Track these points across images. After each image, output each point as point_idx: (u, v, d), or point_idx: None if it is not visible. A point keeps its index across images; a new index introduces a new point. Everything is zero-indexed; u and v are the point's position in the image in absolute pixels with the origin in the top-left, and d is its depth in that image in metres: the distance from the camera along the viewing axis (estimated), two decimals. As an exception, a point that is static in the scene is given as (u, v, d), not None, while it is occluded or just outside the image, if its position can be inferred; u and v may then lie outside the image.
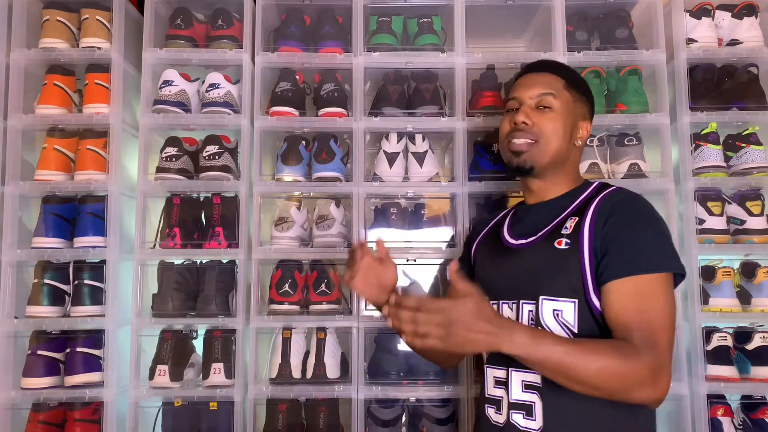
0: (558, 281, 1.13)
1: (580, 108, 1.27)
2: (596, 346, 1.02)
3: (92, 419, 1.74)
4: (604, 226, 1.12)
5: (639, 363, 1.00)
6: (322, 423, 1.75)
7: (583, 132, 1.27)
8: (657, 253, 1.09)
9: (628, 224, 1.11)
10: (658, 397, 1.02)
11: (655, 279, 1.07)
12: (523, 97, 1.25)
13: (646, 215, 1.14)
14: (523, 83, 1.28)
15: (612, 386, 1.00)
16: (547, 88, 1.24)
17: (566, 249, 1.13)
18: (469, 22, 1.91)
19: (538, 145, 1.22)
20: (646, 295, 1.06)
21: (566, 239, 1.15)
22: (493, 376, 1.21)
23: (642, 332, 1.03)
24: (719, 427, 1.74)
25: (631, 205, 1.15)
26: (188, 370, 1.81)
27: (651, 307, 1.05)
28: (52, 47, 1.87)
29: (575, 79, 1.29)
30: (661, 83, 1.88)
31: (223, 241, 1.80)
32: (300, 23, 1.94)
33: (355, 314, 1.78)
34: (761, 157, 1.83)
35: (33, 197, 1.88)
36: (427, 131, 1.90)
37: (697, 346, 1.76)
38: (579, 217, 1.16)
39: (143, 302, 1.81)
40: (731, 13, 1.97)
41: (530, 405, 1.12)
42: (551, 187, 1.26)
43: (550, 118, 1.23)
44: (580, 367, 0.99)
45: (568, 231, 1.16)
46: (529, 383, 1.13)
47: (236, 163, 1.89)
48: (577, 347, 1.01)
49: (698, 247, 1.80)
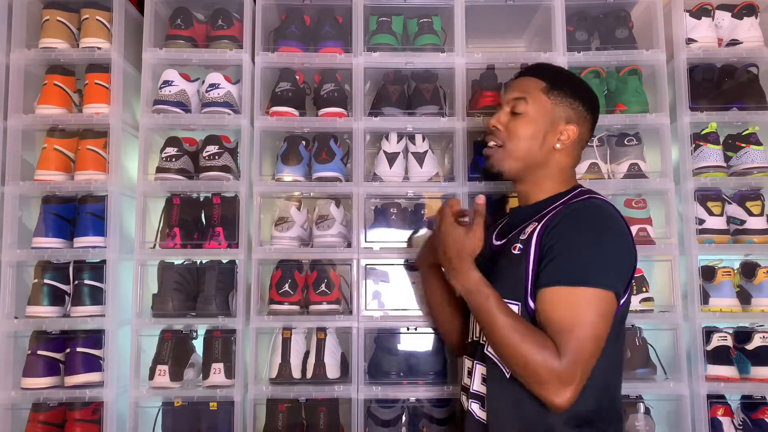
0: (508, 284, 1.18)
1: (562, 111, 1.26)
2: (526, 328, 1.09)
3: (92, 419, 1.74)
4: (550, 232, 1.14)
5: (547, 362, 1.05)
6: (322, 423, 1.75)
7: (566, 135, 1.25)
8: (588, 267, 1.10)
9: (569, 234, 1.13)
10: (557, 403, 1.05)
11: (580, 293, 1.08)
12: (504, 102, 1.31)
13: (593, 228, 1.14)
14: (508, 86, 1.35)
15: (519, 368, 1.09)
16: (520, 93, 1.27)
17: (518, 254, 1.19)
18: (469, 22, 1.91)
19: (504, 149, 1.27)
20: (571, 306, 1.08)
21: (520, 245, 1.20)
22: (466, 366, 1.31)
23: (564, 339, 1.06)
24: (719, 427, 1.74)
25: (581, 216, 1.15)
26: (188, 370, 1.81)
27: (575, 318, 1.07)
28: (52, 47, 1.86)
29: (561, 82, 1.28)
30: (661, 83, 1.88)
31: (223, 241, 1.80)
32: (300, 23, 1.94)
33: (355, 314, 1.78)
34: (761, 157, 1.83)
35: (33, 197, 1.88)
36: (427, 131, 1.90)
37: (697, 346, 1.76)
38: (539, 223, 1.19)
39: (143, 302, 1.81)
40: (731, 13, 1.97)
41: (483, 396, 1.22)
42: (533, 191, 1.29)
43: (520, 123, 1.26)
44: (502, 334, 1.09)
45: (524, 236, 1.20)
46: (484, 376, 1.21)
47: (236, 163, 1.89)
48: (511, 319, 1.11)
49: (698, 247, 1.80)
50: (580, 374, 1.05)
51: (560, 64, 1.87)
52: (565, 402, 1.05)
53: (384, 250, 1.82)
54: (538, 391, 1.07)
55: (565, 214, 1.16)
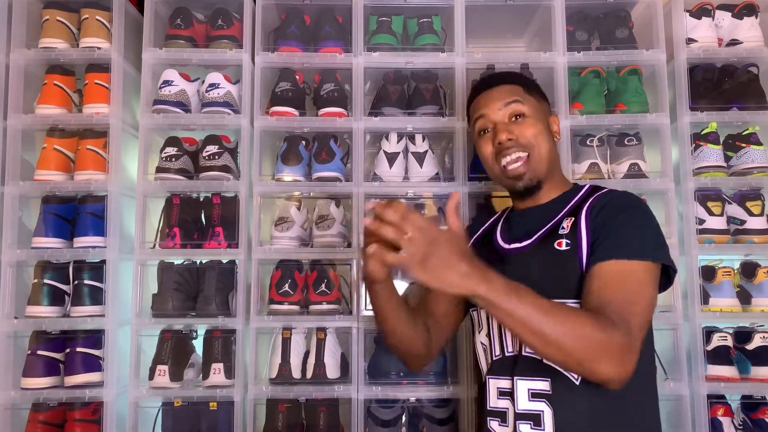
0: (562, 283, 1.11)
1: (545, 106, 1.28)
2: (571, 309, 1.01)
3: (92, 419, 1.74)
4: (597, 215, 1.12)
5: (611, 334, 0.96)
6: (322, 423, 1.75)
7: (555, 127, 1.28)
8: (643, 242, 1.09)
9: (617, 213, 1.11)
10: (622, 376, 0.98)
11: (638, 265, 1.06)
12: (492, 113, 1.22)
13: (637, 208, 1.14)
14: (485, 101, 1.24)
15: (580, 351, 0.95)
16: (511, 96, 1.22)
17: (567, 250, 1.12)
18: (469, 22, 1.91)
19: (532, 157, 1.20)
20: (626, 278, 1.05)
21: (566, 240, 1.14)
22: (497, 386, 1.16)
23: (617, 309, 1.00)
24: (719, 427, 1.74)
25: (622, 198, 1.16)
26: (188, 370, 1.81)
27: (630, 289, 1.04)
28: (52, 47, 1.86)
29: (529, 82, 1.30)
30: (661, 83, 1.88)
31: (223, 241, 1.80)
32: (300, 23, 1.94)
33: (355, 314, 1.78)
34: (761, 157, 1.83)
35: (33, 197, 1.88)
36: (427, 131, 1.90)
37: (697, 346, 1.76)
38: (574, 217, 1.15)
39: (143, 302, 1.81)
40: (731, 13, 1.97)
41: (538, 414, 1.08)
42: (547, 192, 1.24)
43: (529, 124, 1.21)
44: (551, 324, 0.94)
45: (566, 231, 1.15)
46: (537, 391, 1.09)
47: (236, 163, 1.89)
48: (552, 305, 0.98)
49: (698, 247, 1.80)
50: (636, 346, 1.00)
51: (560, 64, 1.87)
52: (627, 374, 0.98)
53: (384, 250, 1.82)
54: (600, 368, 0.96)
55: (608, 201, 1.15)
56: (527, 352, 1.12)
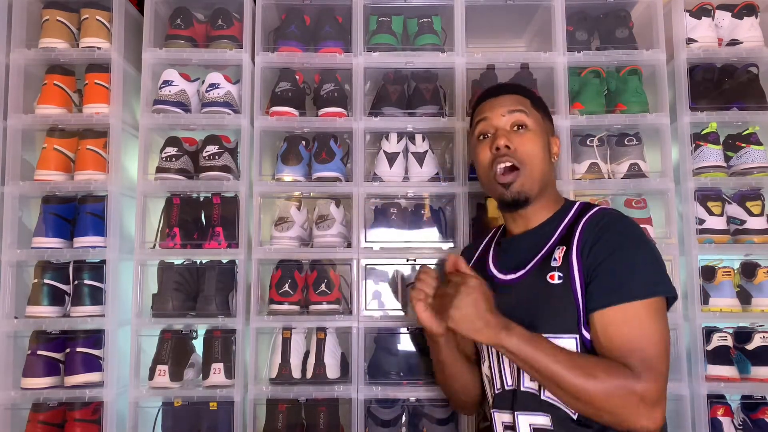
0: (557, 318, 1.09)
1: (548, 125, 1.25)
2: (596, 362, 1.00)
3: (92, 419, 1.74)
4: (590, 252, 1.09)
5: (638, 385, 0.97)
6: (322, 423, 1.75)
7: (555, 148, 1.25)
8: (646, 279, 1.06)
9: (613, 249, 1.08)
10: (655, 427, 0.98)
11: (645, 305, 1.03)
12: (495, 118, 1.20)
13: (633, 238, 1.10)
14: (490, 106, 1.22)
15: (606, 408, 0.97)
16: (517, 105, 1.20)
17: (560, 284, 1.10)
18: (469, 22, 1.91)
19: (523, 172, 1.17)
20: (638, 322, 1.02)
21: (558, 272, 1.11)
22: (501, 420, 1.17)
23: (638, 358, 0.99)
24: (719, 427, 1.74)
25: (616, 228, 1.11)
26: (188, 370, 1.81)
27: (645, 334, 1.02)
28: (52, 47, 1.86)
29: (536, 98, 1.27)
30: (661, 83, 1.88)
31: (223, 241, 1.80)
32: (300, 23, 1.94)
33: (355, 314, 1.78)
34: (761, 157, 1.83)
35: (33, 197, 1.88)
36: (427, 131, 1.90)
37: (697, 346, 1.76)
38: (566, 246, 1.12)
39: (143, 302, 1.81)
40: (731, 13, 1.97)
41: None
42: (537, 213, 1.22)
43: (529, 138, 1.18)
44: (575, 381, 0.98)
45: (558, 263, 1.12)
46: (539, 427, 1.09)
47: (236, 163, 1.89)
48: (574, 358, 0.99)
49: (698, 247, 1.80)
50: (663, 391, 0.99)
51: (560, 64, 1.88)
52: (657, 424, 0.98)
53: (384, 250, 1.82)
54: (626, 421, 0.98)
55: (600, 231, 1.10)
56: (525, 387, 1.12)
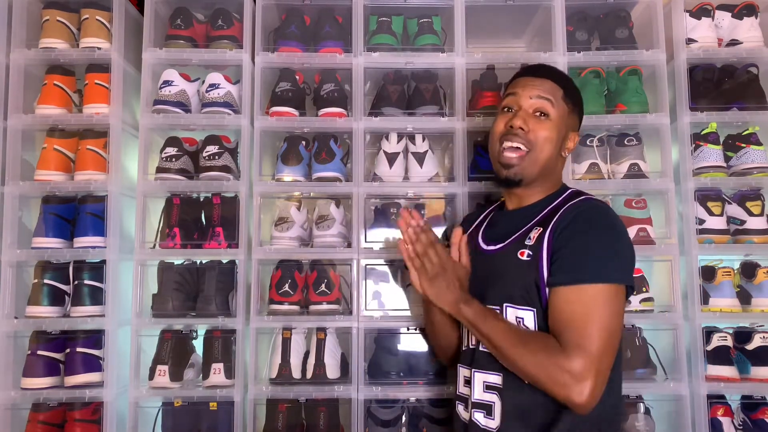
0: (519, 290, 1.17)
1: (572, 120, 1.28)
2: (529, 337, 1.10)
3: (92, 419, 1.74)
4: (560, 234, 1.14)
5: (564, 361, 1.03)
6: (322, 423, 1.75)
7: (571, 144, 1.29)
8: (599, 264, 1.10)
9: (579, 233, 1.13)
10: (582, 402, 1.03)
11: (596, 289, 1.08)
12: (523, 99, 1.24)
13: (601, 225, 1.15)
14: (524, 83, 1.26)
15: (537, 378, 1.07)
16: (547, 94, 1.23)
17: (527, 260, 1.17)
18: (469, 22, 1.91)
19: (529, 155, 1.22)
20: (584, 304, 1.08)
21: (528, 250, 1.18)
22: (463, 375, 1.27)
23: (571, 335, 1.05)
24: (719, 427, 1.74)
25: (588, 215, 1.16)
26: (188, 370, 1.81)
27: (586, 314, 1.07)
28: (52, 47, 1.86)
29: (573, 90, 1.29)
30: (661, 83, 1.88)
31: (223, 241, 1.80)
32: (300, 23, 1.94)
33: (355, 314, 1.78)
34: (761, 157, 1.83)
35: (33, 197, 1.88)
36: (427, 131, 1.90)
37: (697, 346, 1.76)
38: (543, 228, 1.18)
39: (143, 302, 1.81)
40: (731, 14, 1.97)
41: (490, 405, 1.17)
42: (532, 194, 1.27)
43: (547, 126, 1.22)
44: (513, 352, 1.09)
45: (531, 242, 1.18)
46: (490, 384, 1.17)
47: (236, 163, 1.89)
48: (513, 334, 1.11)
49: (698, 247, 1.80)
50: (596, 369, 1.03)
51: (560, 64, 1.87)
52: (585, 399, 1.03)
53: (384, 250, 1.82)
54: (557, 394, 1.05)
55: (574, 216, 1.16)
56: (483, 348, 1.20)
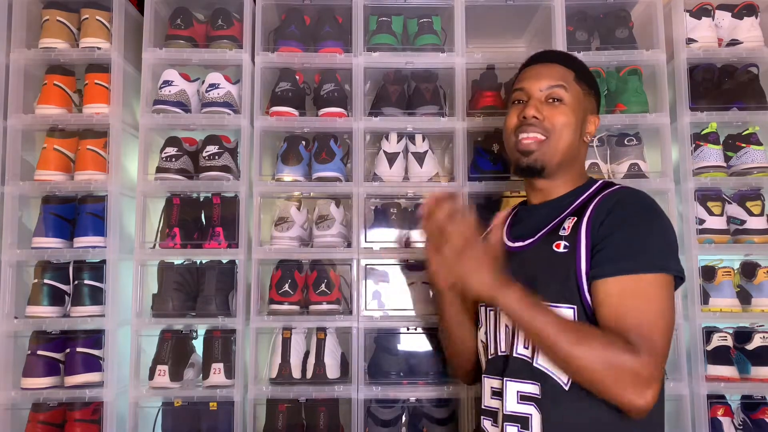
0: (557, 286, 1.07)
1: (589, 102, 1.21)
2: (588, 331, 0.99)
3: (92, 419, 1.74)
4: (602, 224, 1.06)
5: (635, 360, 0.94)
6: (322, 423, 1.75)
7: (592, 127, 1.22)
8: (654, 254, 1.03)
9: (624, 221, 1.05)
10: (644, 405, 0.95)
11: (650, 280, 1.00)
12: (532, 89, 1.18)
13: (646, 213, 1.07)
14: (531, 74, 1.21)
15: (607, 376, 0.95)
16: (557, 80, 1.17)
17: (564, 252, 1.08)
18: (469, 22, 1.91)
19: (548, 142, 1.15)
20: (640, 296, 1.00)
21: (564, 242, 1.09)
22: (490, 386, 1.15)
23: (637, 333, 0.96)
24: (719, 427, 1.74)
25: (630, 201, 1.09)
26: (188, 370, 1.81)
27: (646, 309, 0.99)
28: (52, 47, 1.86)
29: (584, 72, 1.23)
30: (661, 83, 1.88)
31: (223, 241, 1.80)
32: (300, 23, 1.94)
33: (355, 314, 1.78)
34: (761, 157, 1.83)
35: (33, 197, 1.88)
36: (427, 131, 1.90)
37: (697, 346, 1.76)
38: (577, 218, 1.10)
39: (143, 302, 1.81)
40: (731, 13, 1.97)
41: (526, 417, 1.06)
42: (558, 187, 1.19)
43: (562, 111, 1.15)
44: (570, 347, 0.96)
45: (566, 232, 1.10)
46: (525, 394, 1.07)
47: (236, 163, 1.89)
48: (570, 326, 0.99)
49: (698, 247, 1.80)
50: (659, 368, 0.96)
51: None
52: (648, 403, 0.95)
53: (384, 250, 1.82)
54: (617, 395, 0.96)
55: (615, 203, 1.08)
56: (517, 353, 1.10)
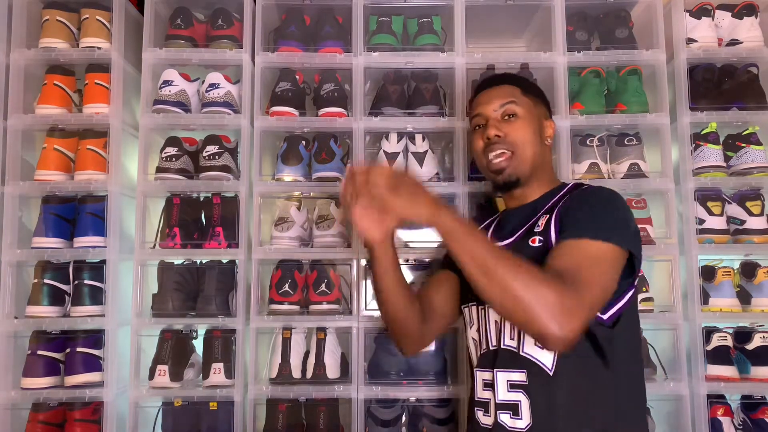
0: None
1: (540, 109, 1.34)
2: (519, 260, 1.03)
3: (92, 419, 1.74)
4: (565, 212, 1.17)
5: (559, 292, 0.98)
6: (322, 423, 1.75)
7: (549, 131, 1.34)
8: (602, 225, 1.11)
9: (583, 203, 1.17)
10: (563, 336, 0.96)
11: (596, 246, 1.08)
12: (487, 112, 1.30)
13: (605, 198, 1.18)
14: (483, 99, 1.32)
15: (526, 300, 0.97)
16: (507, 97, 1.29)
17: (539, 246, 1.17)
18: (469, 22, 1.91)
19: (516, 156, 1.26)
20: (581, 253, 1.07)
21: (539, 236, 1.19)
22: (482, 378, 1.23)
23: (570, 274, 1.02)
24: (719, 427, 1.74)
25: (592, 191, 1.22)
26: (188, 370, 1.81)
27: (582, 260, 1.06)
28: (52, 47, 1.86)
29: (528, 85, 1.36)
30: (661, 83, 1.88)
31: (223, 241, 1.80)
32: (300, 23, 1.94)
33: (355, 314, 1.78)
34: (761, 157, 1.83)
35: (33, 197, 1.88)
36: (427, 131, 1.90)
37: (697, 346, 1.76)
38: (549, 215, 1.21)
39: (143, 302, 1.81)
40: (731, 13, 1.97)
41: (516, 404, 1.14)
42: (533, 192, 1.30)
43: (519, 125, 1.28)
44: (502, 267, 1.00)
45: (540, 228, 1.20)
46: (515, 383, 1.15)
47: (236, 163, 1.89)
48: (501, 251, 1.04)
49: (698, 247, 1.80)
50: (584, 315, 0.99)
51: (560, 64, 1.88)
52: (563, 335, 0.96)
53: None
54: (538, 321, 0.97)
55: (578, 193, 1.22)
56: (504, 345, 1.18)
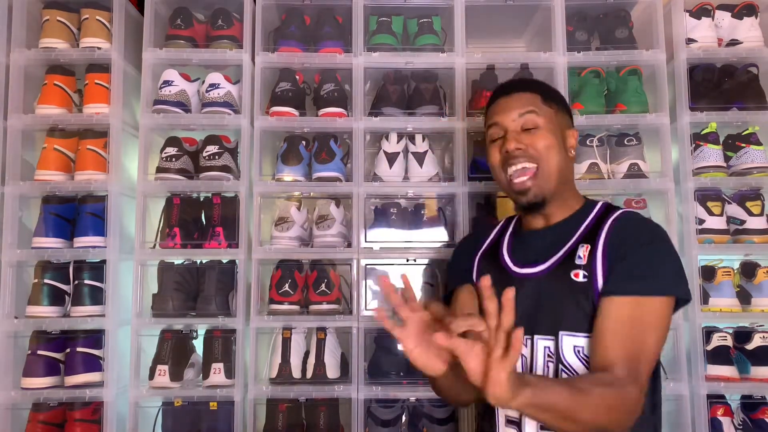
0: (578, 315, 1.08)
1: (562, 118, 1.22)
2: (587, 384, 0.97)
3: (92, 419, 1.74)
4: (617, 252, 1.08)
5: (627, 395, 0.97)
6: (322, 423, 1.75)
7: (572, 141, 1.22)
8: (666, 277, 1.06)
9: (640, 245, 1.08)
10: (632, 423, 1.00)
11: (656, 303, 1.05)
12: (506, 122, 1.19)
13: (659, 239, 1.11)
14: (500, 108, 1.21)
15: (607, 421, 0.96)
16: (526, 107, 1.18)
17: (584, 282, 1.09)
18: (469, 22, 1.91)
19: (540, 172, 1.15)
20: (641, 323, 1.03)
21: (583, 271, 1.10)
22: (505, 415, 1.14)
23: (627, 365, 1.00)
24: (719, 427, 1.74)
25: (643, 227, 1.13)
26: (188, 370, 1.81)
27: (642, 338, 1.02)
28: (52, 47, 1.86)
29: (549, 91, 1.24)
30: (661, 83, 1.88)
31: (223, 241, 1.80)
32: (300, 23, 1.94)
33: (355, 314, 1.78)
34: (761, 157, 1.83)
35: (33, 197, 1.88)
36: (427, 131, 1.90)
37: (697, 346, 1.76)
38: (591, 245, 1.12)
39: (143, 302, 1.81)
40: (731, 13, 1.97)
41: None
42: (558, 210, 1.20)
43: (542, 136, 1.16)
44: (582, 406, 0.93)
45: (583, 261, 1.10)
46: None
47: (236, 163, 1.89)
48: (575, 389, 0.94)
49: (698, 247, 1.80)
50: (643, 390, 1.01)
51: (560, 64, 1.87)
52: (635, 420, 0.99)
53: (384, 250, 1.82)
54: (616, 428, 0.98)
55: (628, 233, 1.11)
56: None
